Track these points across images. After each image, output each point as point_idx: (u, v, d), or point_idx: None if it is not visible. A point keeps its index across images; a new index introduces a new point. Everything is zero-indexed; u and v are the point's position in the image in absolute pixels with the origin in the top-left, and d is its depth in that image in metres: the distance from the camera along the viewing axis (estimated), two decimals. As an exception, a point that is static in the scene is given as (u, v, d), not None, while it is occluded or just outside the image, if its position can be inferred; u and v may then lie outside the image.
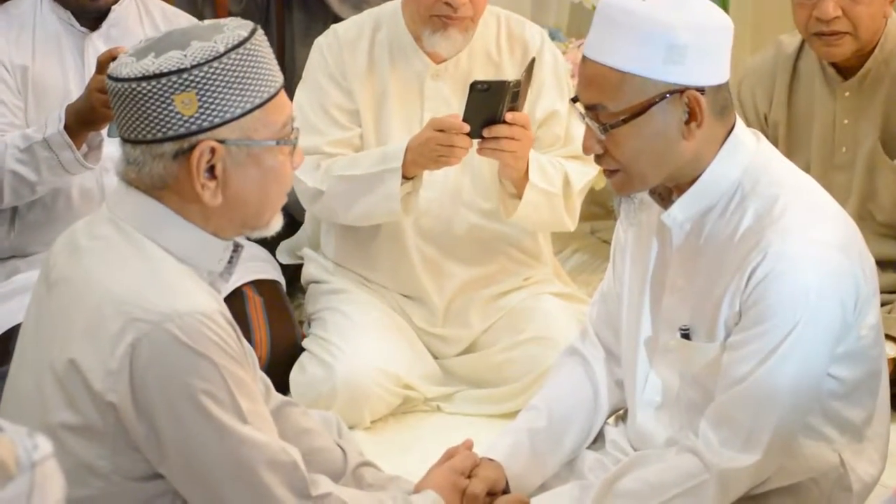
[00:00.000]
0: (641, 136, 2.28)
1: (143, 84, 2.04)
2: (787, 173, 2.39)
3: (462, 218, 3.57)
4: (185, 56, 2.04)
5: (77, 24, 3.57)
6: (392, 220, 3.52)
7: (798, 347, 2.28)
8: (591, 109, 2.31)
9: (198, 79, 2.04)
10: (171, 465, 2.06)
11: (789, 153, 3.52)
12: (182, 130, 2.05)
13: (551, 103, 3.57)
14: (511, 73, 3.56)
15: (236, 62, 2.06)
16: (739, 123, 2.38)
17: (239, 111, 2.07)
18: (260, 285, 3.57)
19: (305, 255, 3.79)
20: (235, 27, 2.10)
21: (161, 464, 2.07)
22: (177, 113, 2.04)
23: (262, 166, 2.11)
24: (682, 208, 2.37)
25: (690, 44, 2.24)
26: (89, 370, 2.02)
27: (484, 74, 3.55)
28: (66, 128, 3.28)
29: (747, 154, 2.35)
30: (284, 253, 3.88)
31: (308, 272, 3.75)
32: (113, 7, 3.57)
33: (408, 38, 3.54)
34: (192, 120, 2.05)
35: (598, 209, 4.64)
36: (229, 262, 2.19)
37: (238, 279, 3.52)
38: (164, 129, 2.05)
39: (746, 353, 2.30)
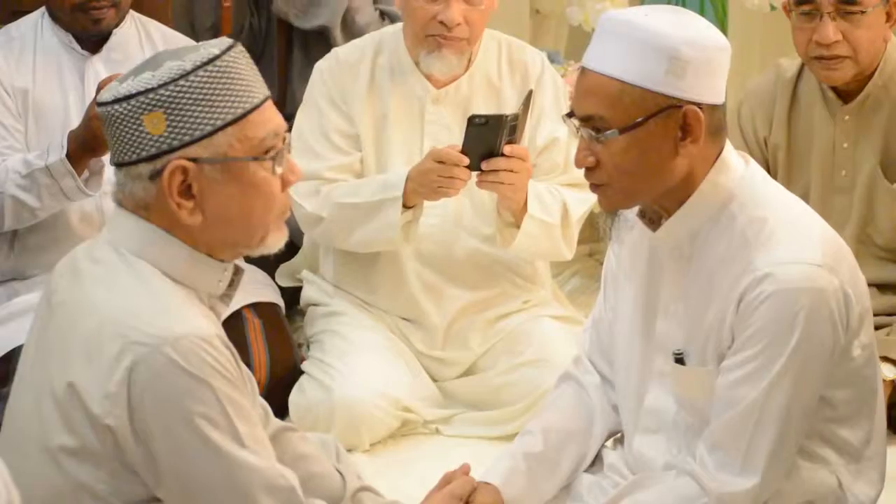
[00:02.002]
0: (636, 149, 2.28)
1: (116, 107, 2.06)
2: (776, 195, 2.40)
3: (462, 243, 3.58)
4: (153, 76, 2.04)
5: (78, 47, 3.58)
6: (391, 249, 3.52)
7: (792, 369, 2.28)
8: (587, 120, 2.31)
9: (164, 98, 2.04)
10: (168, 488, 2.06)
11: (789, 176, 3.53)
12: (153, 150, 2.05)
13: (552, 130, 3.57)
14: (511, 98, 3.57)
15: (204, 79, 2.05)
16: (728, 146, 2.38)
17: (209, 128, 2.06)
18: (259, 308, 3.57)
19: (304, 277, 3.79)
20: (211, 46, 2.10)
21: (158, 487, 2.06)
22: (146, 133, 2.04)
23: (241, 183, 2.09)
24: (670, 229, 2.37)
25: (692, 59, 2.26)
26: (87, 393, 2.02)
27: (485, 99, 3.56)
28: (67, 155, 3.29)
29: (736, 176, 2.36)
30: (283, 276, 3.88)
31: (307, 295, 3.75)
32: (114, 31, 3.58)
33: (409, 63, 3.55)
34: (160, 139, 2.05)
35: (597, 232, 4.63)
36: (230, 285, 2.19)
37: (237, 302, 3.51)
38: (137, 151, 2.06)
39: (740, 377, 2.30)
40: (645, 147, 2.28)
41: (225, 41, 2.11)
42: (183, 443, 2.03)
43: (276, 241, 2.18)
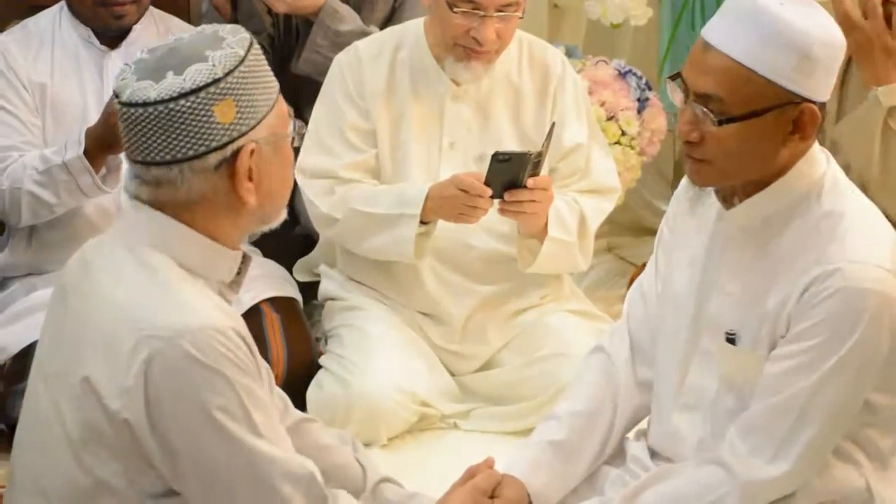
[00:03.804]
0: (747, 136, 2.29)
1: (181, 102, 2.05)
2: (852, 195, 2.40)
3: (479, 240, 3.57)
4: (214, 66, 2.06)
5: (97, 42, 3.58)
6: (402, 261, 3.52)
7: (845, 368, 2.28)
8: (702, 97, 2.30)
9: (232, 86, 2.07)
10: (187, 481, 2.07)
11: (836, 142, 3.47)
12: (225, 139, 2.07)
13: (574, 135, 3.57)
14: (530, 96, 3.56)
15: (255, 62, 2.11)
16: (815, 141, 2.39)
17: (265, 109, 2.12)
18: (277, 302, 3.57)
19: (322, 272, 3.79)
20: (230, 31, 2.13)
21: (177, 480, 2.07)
22: (217, 123, 2.06)
23: (282, 157, 2.16)
24: (747, 211, 2.38)
25: (821, 59, 2.27)
26: (104, 388, 2.03)
27: (504, 97, 3.55)
28: (85, 151, 3.29)
29: (819, 170, 2.37)
30: (301, 270, 3.88)
31: (325, 289, 3.75)
32: (133, 26, 3.59)
33: (430, 60, 3.53)
34: (231, 127, 2.07)
35: (615, 226, 4.63)
36: (238, 272, 2.20)
37: (255, 296, 3.52)
38: (206, 142, 2.07)
39: (792, 366, 2.31)
40: (756, 136, 2.29)
41: (233, 27, 2.14)
42: (201, 434, 2.03)
43: (284, 213, 2.25)
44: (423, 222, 3.43)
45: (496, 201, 3.34)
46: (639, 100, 4.23)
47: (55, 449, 2.09)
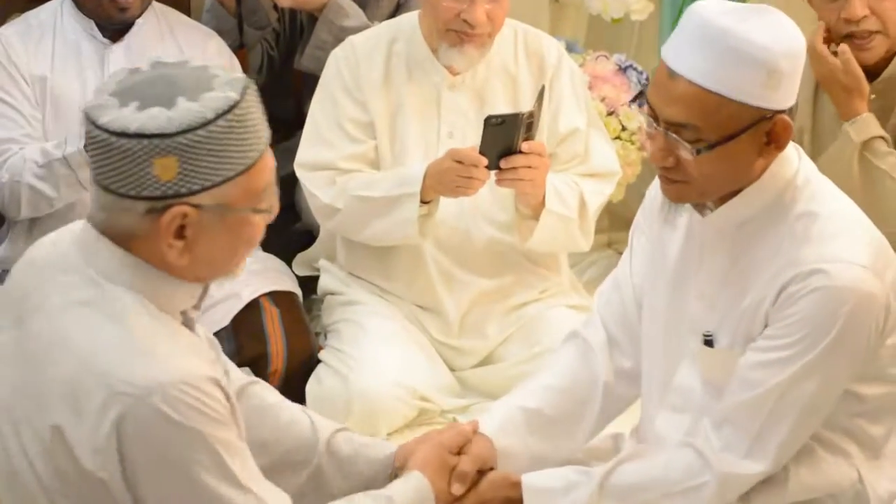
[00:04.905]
0: (725, 157, 2.27)
1: (123, 140, 1.94)
2: (827, 191, 2.39)
3: (480, 230, 3.58)
4: (171, 119, 1.94)
5: (99, 35, 3.58)
6: (406, 243, 3.52)
7: (821, 365, 2.28)
8: (675, 125, 2.27)
9: (181, 145, 1.93)
10: None
11: (814, 159, 3.50)
12: (157, 193, 1.96)
13: (571, 120, 3.58)
14: (527, 85, 3.57)
15: (223, 129, 1.96)
16: None
17: (219, 178, 1.97)
18: (276, 296, 3.57)
19: (322, 266, 3.79)
20: (226, 84, 1.99)
21: None
22: (154, 176, 1.95)
23: (233, 230, 2.03)
24: (723, 216, 2.37)
25: (787, 69, 2.24)
26: (77, 446, 1.96)
27: (501, 86, 3.56)
28: (85, 146, 3.29)
29: (790, 169, 2.36)
30: (301, 265, 3.88)
31: (324, 283, 3.75)
32: (136, 20, 3.58)
33: (425, 51, 3.54)
34: (168, 184, 1.95)
35: (615, 221, 4.63)
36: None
37: (255, 290, 3.53)
38: (138, 188, 1.96)
39: (765, 360, 2.31)
40: (733, 155, 2.28)
41: (240, 81, 2.01)
42: (178, 491, 1.98)
43: (241, 271, 2.13)
44: (424, 202, 3.43)
45: (493, 174, 3.34)
46: (640, 94, 4.22)
47: (30, 492, 2.02)
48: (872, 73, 3.44)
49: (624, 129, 4.16)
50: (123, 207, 1.98)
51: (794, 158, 2.37)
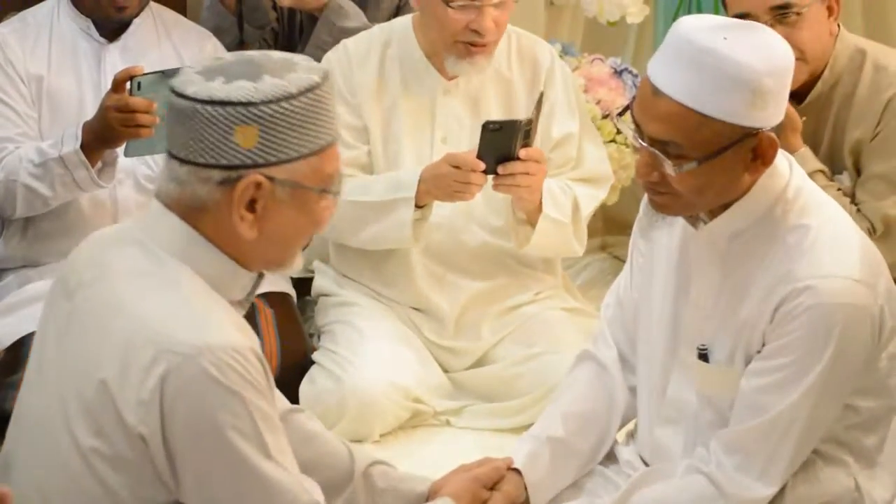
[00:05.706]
0: (710, 173, 2.27)
1: (208, 108, 2.03)
2: (818, 203, 2.39)
3: (472, 235, 3.58)
4: (256, 89, 2.03)
5: (96, 34, 3.58)
6: (400, 247, 3.52)
7: (822, 383, 2.30)
8: (659, 142, 2.27)
9: (264, 115, 2.03)
10: (191, 496, 2.06)
11: None
12: (235, 161, 2.04)
13: (564, 125, 3.58)
14: (521, 89, 3.57)
15: (304, 105, 2.05)
16: None
17: (295, 154, 2.07)
18: (271, 297, 3.57)
19: (316, 267, 3.79)
20: (308, 68, 2.09)
21: (183, 495, 2.06)
22: (233, 143, 2.03)
23: (302, 210, 2.11)
24: (716, 228, 2.37)
25: (773, 90, 2.23)
26: (121, 398, 2.01)
27: (495, 90, 3.56)
28: (82, 146, 3.29)
29: (781, 181, 2.36)
30: (295, 266, 3.88)
31: (318, 285, 3.75)
32: (133, 20, 3.58)
33: (419, 56, 3.54)
34: (247, 153, 2.04)
35: (610, 224, 4.64)
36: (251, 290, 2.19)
37: (249, 291, 3.53)
38: (216, 156, 2.04)
39: (768, 384, 2.32)
40: (718, 171, 2.27)
41: (320, 68, 2.11)
42: (211, 452, 2.02)
43: (299, 264, 2.21)
44: (418, 207, 3.43)
45: (490, 178, 3.33)
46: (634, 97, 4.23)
47: (59, 451, 2.06)
48: (795, 94, 3.42)
49: (619, 132, 4.16)
50: (199, 177, 2.06)
51: (784, 171, 2.37)
